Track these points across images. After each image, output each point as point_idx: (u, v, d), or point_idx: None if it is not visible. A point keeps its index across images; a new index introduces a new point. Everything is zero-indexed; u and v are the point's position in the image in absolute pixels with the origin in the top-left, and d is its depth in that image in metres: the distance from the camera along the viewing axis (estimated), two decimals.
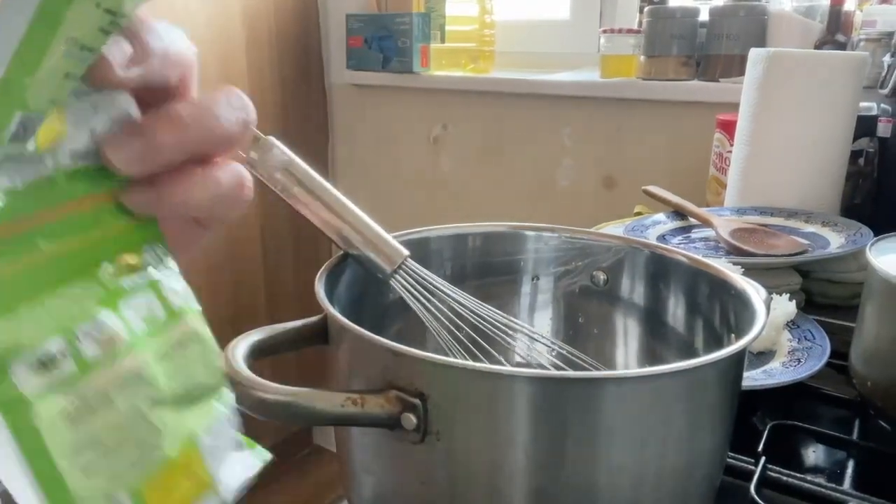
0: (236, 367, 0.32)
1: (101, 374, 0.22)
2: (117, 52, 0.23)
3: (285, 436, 1.86)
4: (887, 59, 0.93)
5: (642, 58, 1.30)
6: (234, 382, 0.32)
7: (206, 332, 0.27)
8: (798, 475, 0.45)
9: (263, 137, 0.42)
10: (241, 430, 0.28)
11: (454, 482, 0.33)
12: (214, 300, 1.59)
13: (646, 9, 1.29)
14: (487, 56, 1.61)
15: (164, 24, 0.25)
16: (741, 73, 0.94)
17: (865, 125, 0.88)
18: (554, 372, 0.43)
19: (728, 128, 0.99)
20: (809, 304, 0.72)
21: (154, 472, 0.23)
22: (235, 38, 1.57)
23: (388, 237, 0.43)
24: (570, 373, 0.42)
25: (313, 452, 2.01)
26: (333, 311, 0.36)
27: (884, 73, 0.92)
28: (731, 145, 0.93)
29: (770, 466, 0.45)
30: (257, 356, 0.35)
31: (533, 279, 0.52)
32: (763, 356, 0.58)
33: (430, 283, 0.43)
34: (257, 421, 0.31)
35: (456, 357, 0.42)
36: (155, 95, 0.26)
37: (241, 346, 0.34)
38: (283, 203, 0.42)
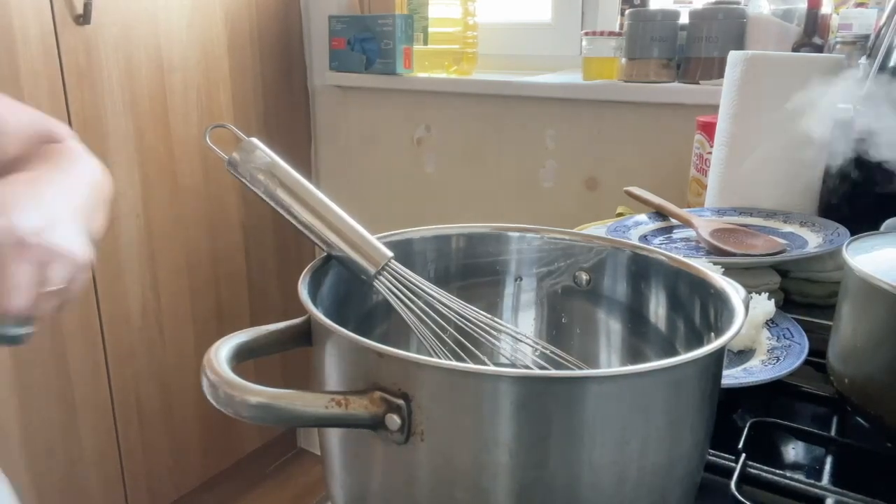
0: (219, 370, 0.32)
1: None
2: None
3: (269, 438, 1.85)
4: (863, 61, 0.94)
5: (623, 60, 1.31)
6: (218, 385, 0.31)
7: None
8: (778, 471, 0.46)
9: (246, 139, 0.42)
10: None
11: (438, 482, 0.33)
12: (197, 302, 1.58)
13: (627, 12, 1.30)
14: (470, 58, 1.61)
15: None
16: (720, 75, 0.95)
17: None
18: (537, 371, 0.43)
19: (708, 129, 1.00)
20: (788, 302, 0.73)
21: None
22: (217, 39, 1.56)
23: (372, 239, 0.43)
24: (553, 372, 0.43)
25: (298, 455, 2.01)
26: (317, 313, 0.36)
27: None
28: (712, 146, 0.94)
29: (750, 463, 0.46)
30: (241, 358, 0.35)
31: (516, 280, 0.53)
32: (743, 354, 0.58)
33: (414, 285, 0.43)
34: (242, 423, 0.31)
35: (440, 358, 0.42)
36: None
37: (225, 348, 0.34)
38: (265, 204, 0.42)
